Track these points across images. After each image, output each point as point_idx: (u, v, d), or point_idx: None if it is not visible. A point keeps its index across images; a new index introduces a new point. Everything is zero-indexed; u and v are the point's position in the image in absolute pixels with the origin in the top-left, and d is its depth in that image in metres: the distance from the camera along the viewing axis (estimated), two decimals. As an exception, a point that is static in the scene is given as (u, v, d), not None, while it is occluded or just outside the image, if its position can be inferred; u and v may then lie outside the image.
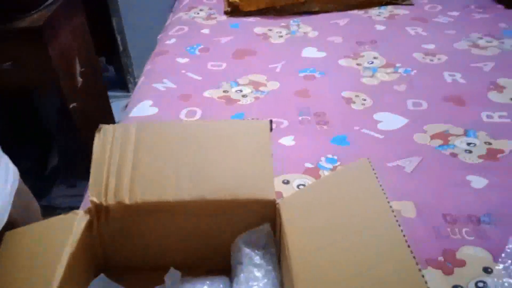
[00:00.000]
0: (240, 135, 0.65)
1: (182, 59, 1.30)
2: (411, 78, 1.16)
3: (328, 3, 1.54)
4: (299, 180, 0.84)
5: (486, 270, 0.66)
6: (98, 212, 0.58)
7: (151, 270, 0.59)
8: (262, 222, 0.60)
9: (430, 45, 1.31)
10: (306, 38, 1.39)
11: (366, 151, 0.91)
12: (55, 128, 1.72)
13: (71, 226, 0.55)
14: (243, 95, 1.12)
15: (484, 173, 0.84)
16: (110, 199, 0.58)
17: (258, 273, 0.56)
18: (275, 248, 0.60)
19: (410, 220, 0.75)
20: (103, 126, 0.63)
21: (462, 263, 0.68)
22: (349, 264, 0.48)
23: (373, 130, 0.98)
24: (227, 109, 1.07)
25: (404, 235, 0.47)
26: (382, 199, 0.52)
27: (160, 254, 0.63)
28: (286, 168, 0.86)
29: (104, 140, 0.62)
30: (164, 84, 1.18)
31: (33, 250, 0.53)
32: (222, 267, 0.61)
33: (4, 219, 0.52)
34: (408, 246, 0.46)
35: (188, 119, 1.04)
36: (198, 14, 1.59)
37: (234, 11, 1.55)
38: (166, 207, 0.58)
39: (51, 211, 1.45)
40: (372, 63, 1.24)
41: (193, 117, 1.05)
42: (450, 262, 0.68)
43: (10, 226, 0.55)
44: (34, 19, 1.26)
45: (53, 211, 1.56)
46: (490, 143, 0.92)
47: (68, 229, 0.55)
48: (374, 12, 1.53)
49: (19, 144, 1.59)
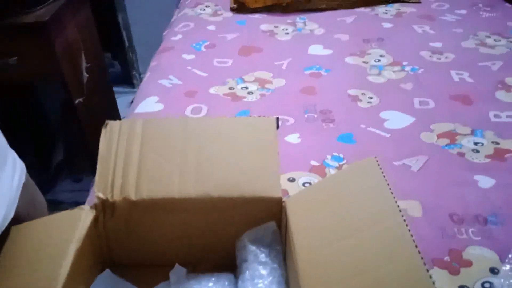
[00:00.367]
0: (246, 132, 0.64)
1: (188, 56, 1.30)
2: (418, 77, 1.15)
3: (334, 1, 1.53)
4: (305, 178, 0.84)
5: (493, 271, 0.66)
6: (104, 208, 0.58)
7: (157, 266, 0.59)
8: (268, 219, 0.60)
9: (437, 43, 1.30)
10: (312, 36, 1.39)
11: (372, 149, 0.90)
12: (60, 123, 1.73)
13: (77, 222, 0.55)
14: (249, 92, 1.12)
15: (491, 173, 0.84)
16: (116, 195, 0.58)
17: (264, 270, 0.56)
18: (281, 246, 0.59)
19: (416, 219, 0.75)
20: (110, 122, 0.63)
21: (468, 263, 0.67)
22: (355, 262, 0.47)
23: (379, 128, 0.97)
24: (233, 106, 1.07)
25: (411, 235, 0.47)
26: (389, 198, 0.51)
27: (165, 250, 0.63)
28: (291, 166, 0.86)
29: (111, 136, 0.62)
30: (169, 81, 1.18)
31: (39, 245, 0.53)
32: (228, 264, 0.61)
33: (11, 214, 0.52)
34: (416, 246, 0.45)
35: (194, 116, 1.03)
36: (204, 10, 1.58)
37: (240, 8, 1.55)
38: (172, 203, 0.58)
39: (56, 206, 1.45)
40: (379, 61, 1.23)
41: (198, 113, 1.05)
42: (457, 262, 0.67)
43: (16, 220, 0.55)
44: (39, 14, 1.26)
45: (58, 205, 1.57)
46: (497, 143, 0.91)
47: (74, 224, 0.55)
48: (381, 9, 1.52)
49: (24, 139, 1.60)
